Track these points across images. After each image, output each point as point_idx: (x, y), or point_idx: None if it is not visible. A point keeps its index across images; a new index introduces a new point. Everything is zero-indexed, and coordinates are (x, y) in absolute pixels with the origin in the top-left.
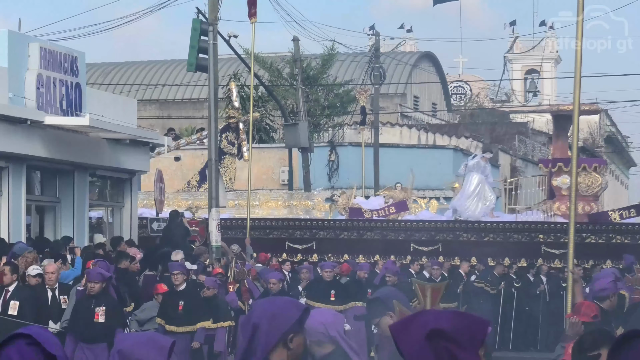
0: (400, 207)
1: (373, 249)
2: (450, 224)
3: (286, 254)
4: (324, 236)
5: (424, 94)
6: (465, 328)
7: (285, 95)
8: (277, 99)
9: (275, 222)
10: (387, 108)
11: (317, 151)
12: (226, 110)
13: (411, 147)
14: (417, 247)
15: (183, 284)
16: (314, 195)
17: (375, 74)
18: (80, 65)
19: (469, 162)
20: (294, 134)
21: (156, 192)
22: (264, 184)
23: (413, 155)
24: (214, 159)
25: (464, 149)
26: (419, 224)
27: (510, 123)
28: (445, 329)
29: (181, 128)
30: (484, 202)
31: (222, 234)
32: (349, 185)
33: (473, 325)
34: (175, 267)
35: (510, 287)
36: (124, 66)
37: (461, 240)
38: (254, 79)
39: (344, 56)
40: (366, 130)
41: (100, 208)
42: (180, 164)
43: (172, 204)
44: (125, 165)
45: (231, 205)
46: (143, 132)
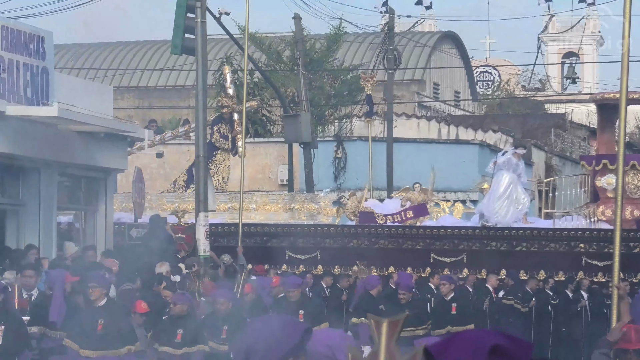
0: (419, 211)
1: (387, 259)
2: (477, 231)
3: (286, 265)
4: (331, 245)
5: (445, 80)
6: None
7: (285, 82)
8: (275, 86)
9: (274, 228)
10: (402, 97)
11: (321, 147)
12: (218, 99)
13: (430, 143)
14: (438, 258)
15: (103, 299)
16: (320, 197)
17: (389, 57)
18: (47, 47)
19: (499, 159)
20: (294, 127)
21: (135, 193)
22: (259, 185)
23: (432, 152)
24: (202, 155)
25: (491, 145)
26: (440, 231)
27: (545, 114)
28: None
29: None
30: (515, 205)
31: (214, 241)
32: (357, 186)
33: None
34: (93, 279)
35: (545, 304)
36: (98, 48)
37: (489, 250)
38: (248, 63)
39: (352, 37)
40: (378, 122)
41: (71, 212)
42: (162, 161)
43: (156, 207)
44: (100, 162)
45: (224, 208)
46: (120, 124)
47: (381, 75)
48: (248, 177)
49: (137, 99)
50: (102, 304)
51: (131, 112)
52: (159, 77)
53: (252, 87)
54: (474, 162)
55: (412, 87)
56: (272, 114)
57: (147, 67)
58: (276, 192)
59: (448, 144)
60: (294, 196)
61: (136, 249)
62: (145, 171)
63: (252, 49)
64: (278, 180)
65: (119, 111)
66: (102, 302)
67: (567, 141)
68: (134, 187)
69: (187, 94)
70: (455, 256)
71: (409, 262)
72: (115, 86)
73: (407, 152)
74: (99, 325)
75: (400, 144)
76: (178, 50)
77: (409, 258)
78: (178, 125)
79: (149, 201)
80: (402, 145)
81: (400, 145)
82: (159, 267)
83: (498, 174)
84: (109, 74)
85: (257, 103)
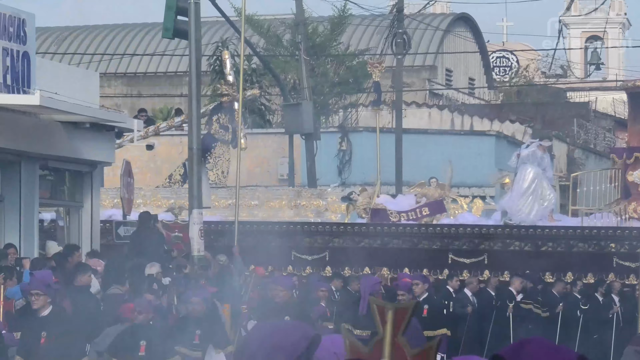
0: (436, 208)
1: (400, 260)
2: (499, 229)
3: (292, 266)
4: (340, 244)
5: (459, 66)
6: None
7: (286, 68)
8: (274, 72)
9: (279, 226)
10: (412, 84)
11: (324, 138)
12: (217, 86)
13: (442, 134)
14: (456, 259)
15: (47, 308)
16: (327, 193)
17: (398, 41)
18: (29, 30)
19: (522, 151)
20: (295, 117)
21: (123, 188)
22: (257, 179)
23: (445, 144)
24: (196, 147)
25: (508, 136)
26: (458, 230)
27: (567, 103)
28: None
29: (154, 109)
30: (541, 202)
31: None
32: (363, 180)
33: None
34: (35, 285)
35: (574, 309)
36: (84, 31)
37: (512, 250)
38: (245, 47)
39: (358, 19)
40: (386, 112)
41: (54, 208)
42: (153, 153)
43: (150, 203)
44: (85, 155)
45: (224, 205)
46: (107, 114)
47: (389, 61)
48: (245, 171)
49: (125, 87)
50: (46, 314)
51: (119, 100)
52: (148, 62)
53: (250, 73)
54: (490, 155)
55: (422, 73)
56: (271, 103)
57: (136, 52)
58: (280, 188)
59: (462, 135)
60: (300, 192)
61: (124, 248)
62: (134, 165)
63: (250, 32)
64: (278, 174)
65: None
66: (47, 311)
67: (590, 132)
68: (122, 181)
69: (179, 81)
70: (475, 257)
71: (425, 263)
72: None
73: (417, 144)
74: (42, 338)
75: (410, 135)
76: (170, 34)
77: (425, 259)
78: (170, 115)
79: (142, 197)
80: (412, 137)
81: (410, 136)
82: (149, 269)
83: (522, 167)
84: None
85: (259, 92)
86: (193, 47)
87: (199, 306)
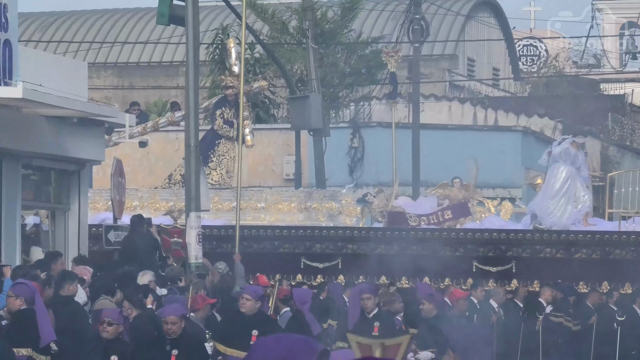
0: (460, 211)
1: (420, 268)
2: (528, 234)
3: (302, 274)
4: (354, 251)
5: (482, 56)
6: None
7: (292, 58)
8: (279, 62)
9: (287, 231)
10: (430, 75)
11: (334, 134)
12: (222, 77)
13: (464, 129)
14: (481, 267)
15: None
16: (341, 194)
17: (415, 28)
18: (10, 16)
19: (554, 148)
20: (302, 111)
21: (114, 189)
22: (260, 179)
23: (466, 141)
24: (194, 144)
25: (536, 132)
26: (484, 235)
27: (601, 96)
28: None
29: (148, 102)
30: (574, 204)
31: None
32: (377, 181)
33: None
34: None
35: (609, 322)
36: (71, 17)
37: (543, 257)
38: (247, 35)
39: (371, 4)
40: (402, 105)
41: (38, 211)
42: (146, 151)
43: (148, 205)
44: (72, 152)
45: (228, 207)
46: (96, 108)
47: (406, 50)
48: (248, 170)
49: (116, 78)
50: None
51: (109, 93)
52: (142, 51)
53: (253, 63)
54: (516, 153)
55: (442, 63)
56: (276, 96)
57: (128, 39)
58: (289, 189)
59: (485, 131)
60: (311, 193)
61: (114, 255)
62: (126, 163)
63: (252, 18)
64: (283, 173)
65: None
66: None
67: (626, 127)
68: (112, 181)
69: (175, 71)
70: (502, 265)
71: (447, 272)
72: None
73: (436, 140)
74: None
75: (428, 131)
76: (165, 20)
77: (447, 267)
78: (166, 109)
79: (139, 199)
80: (430, 133)
81: (428, 132)
82: (141, 277)
83: (553, 166)
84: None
85: (266, 83)
86: (191, 35)
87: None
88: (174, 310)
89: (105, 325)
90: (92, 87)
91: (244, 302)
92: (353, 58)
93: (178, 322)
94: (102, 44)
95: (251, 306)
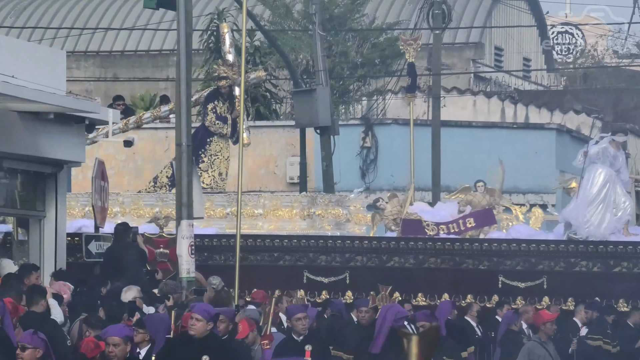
0: (484, 218)
1: (439, 284)
2: (561, 246)
3: (304, 290)
4: (364, 263)
5: (511, 44)
6: None
7: (297, 46)
8: (282, 51)
9: (289, 241)
10: (453, 66)
11: (344, 133)
12: (214, 67)
13: (490, 127)
14: (508, 282)
15: None
16: (349, 200)
17: (436, 12)
18: None
19: (591, 148)
20: (308, 107)
21: (95, 194)
22: (261, 183)
23: (493, 140)
24: (185, 143)
25: (572, 130)
26: (511, 246)
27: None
28: None
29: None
30: (614, 211)
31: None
32: (392, 185)
33: None
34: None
35: None
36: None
37: (578, 271)
38: (247, 20)
39: None
40: (420, 100)
41: (9, 218)
42: (132, 151)
43: (131, 212)
44: (49, 152)
45: (221, 214)
46: (76, 102)
47: (425, 38)
48: (247, 173)
49: (98, 69)
50: None
51: (90, 85)
52: (127, 39)
53: (252, 52)
54: (550, 154)
55: (466, 52)
56: (278, 89)
57: (111, 25)
58: (290, 193)
59: (515, 129)
60: (315, 198)
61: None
62: (109, 165)
63: (252, 1)
64: (286, 177)
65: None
66: None
67: None
68: (93, 185)
69: (164, 61)
70: (531, 280)
71: (469, 288)
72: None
73: (459, 140)
74: None
75: (450, 129)
76: (153, 3)
77: (469, 282)
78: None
79: (120, 204)
80: (452, 131)
81: (450, 130)
82: (125, 293)
83: (590, 169)
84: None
85: (265, 73)
86: (182, 20)
87: (118, 349)
88: (119, 331)
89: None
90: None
91: (194, 322)
92: (366, 47)
93: (122, 344)
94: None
95: (201, 328)
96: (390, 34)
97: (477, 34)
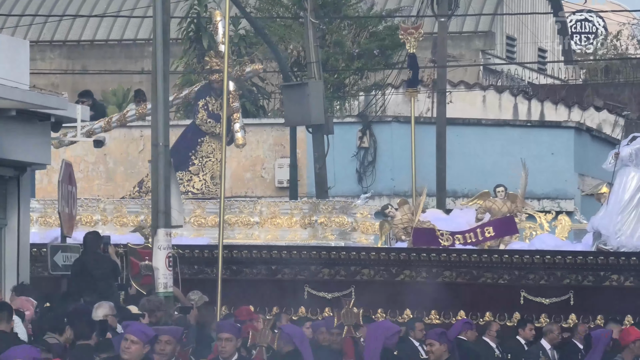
0: (505, 227)
1: (454, 300)
2: (590, 257)
3: (305, 307)
4: (371, 277)
5: (525, 33)
6: None
7: (286, 36)
8: (270, 41)
9: (288, 252)
10: (460, 58)
11: (339, 132)
12: (206, 60)
13: (502, 125)
14: (531, 298)
15: None
16: (355, 206)
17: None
18: None
19: (623, 149)
20: (299, 103)
21: (62, 200)
22: (246, 187)
23: (505, 139)
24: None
25: (593, 129)
26: (534, 258)
27: None
28: None
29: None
30: None
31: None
32: (392, 189)
33: None
34: None
35: None
36: None
37: (608, 285)
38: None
39: None
40: (424, 96)
41: None
42: (103, 152)
43: (113, 220)
44: (10, 153)
45: (213, 222)
46: (40, 98)
47: (429, 26)
48: (231, 176)
49: (65, 60)
50: None
51: (56, 79)
52: (97, 27)
53: (237, 42)
54: (568, 155)
55: (475, 42)
56: (266, 83)
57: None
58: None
59: (529, 127)
60: (317, 205)
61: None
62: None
63: None
64: (275, 181)
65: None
66: None
67: None
68: (60, 190)
69: (140, 52)
70: (557, 296)
71: (488, 304)
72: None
73: (467, 139)
74: None
75: (456, 127)
76: None
77: (488, 298)
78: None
79: (101, 212)
80: (459, 130)
81: (456, 129)
82: (96, 310)
83: (622, 172)
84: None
85: (262, 66)
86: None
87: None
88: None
89: None
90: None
91: (128, 345)
92: (363, 36)
93: None
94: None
95: (137, 351)
96: (390, 21)
97: (487, 21)
